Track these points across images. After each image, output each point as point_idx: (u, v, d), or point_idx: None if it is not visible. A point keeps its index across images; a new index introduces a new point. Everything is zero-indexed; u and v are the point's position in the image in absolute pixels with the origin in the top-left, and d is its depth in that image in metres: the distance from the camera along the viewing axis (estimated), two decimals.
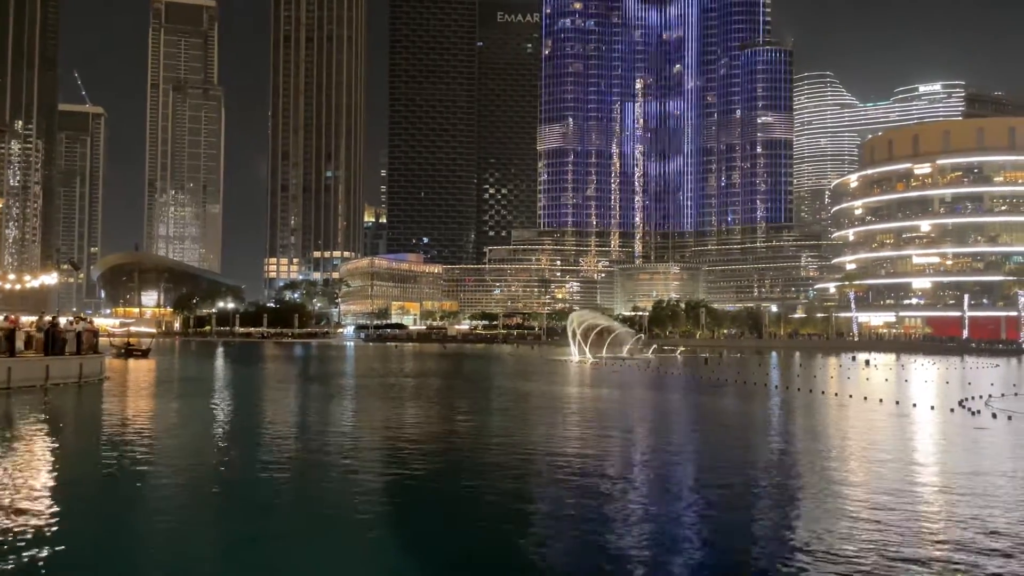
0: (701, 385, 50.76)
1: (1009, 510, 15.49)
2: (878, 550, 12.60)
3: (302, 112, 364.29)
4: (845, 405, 36.75)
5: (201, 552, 12.96)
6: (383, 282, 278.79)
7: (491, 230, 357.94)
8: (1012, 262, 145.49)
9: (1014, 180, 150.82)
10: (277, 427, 28.20)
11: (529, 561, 12.41)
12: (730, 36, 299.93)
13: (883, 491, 17.13)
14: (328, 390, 44.42)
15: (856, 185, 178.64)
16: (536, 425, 29.31)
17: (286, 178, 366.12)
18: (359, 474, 19.06)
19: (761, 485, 18.19)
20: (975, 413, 32.05)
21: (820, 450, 23.66)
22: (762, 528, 14.42)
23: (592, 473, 19.10)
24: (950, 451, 24.36)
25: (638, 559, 12.40)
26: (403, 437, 25.36)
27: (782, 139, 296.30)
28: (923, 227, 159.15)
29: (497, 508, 15.60)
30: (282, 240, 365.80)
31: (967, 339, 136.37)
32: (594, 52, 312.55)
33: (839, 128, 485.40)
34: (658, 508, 15.71)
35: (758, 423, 32.03)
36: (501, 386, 48.90)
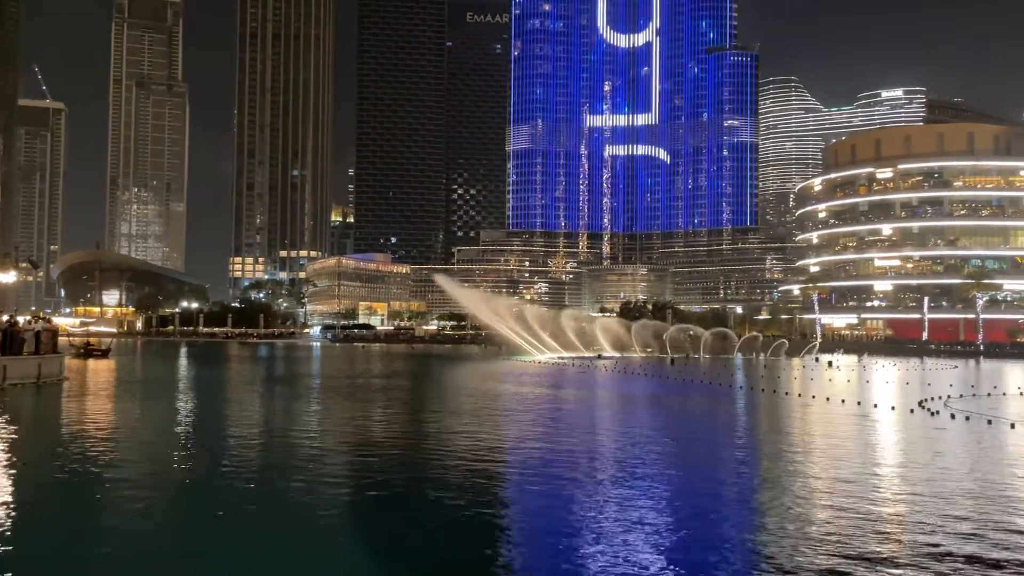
0: (668, 386, 51.09)
1: (965, 504, 15.77)
2: (838, 541, 12.75)
3: (268, 110, 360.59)
4: (808, 405, 37.20)
5: (157, 557, 12.71)
6: (350, 282, 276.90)
7: (459, 230, 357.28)
8: (971, 265, 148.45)
9: (973, 185, 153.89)
10: (238, 430, 27.81)
11: (499, 560, 12.35)
12: (697, 40, 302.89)
13: (843, 485, 17.35)
14: (292, 391, 43.96)
15: (820, 189, 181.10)
16: (502, 426, 29.25)
17: (252, 176, 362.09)
18: (320, 478, 18.85)
19: (728, 480, 18.33)
20: (934, 414, 32.60)
21: (783, 450, 23.90)
22: (729, 519, 14.54)
23: (560, 475, 19.09)
24: (909, 450, 24.75)
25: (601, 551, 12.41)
26: (366, 440, 25.17)
27: (748, 143, 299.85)
28: (885, 230, 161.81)
29: (449, 510, 15.51)
30: (248, 239, 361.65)
31: (927, 341, 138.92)
32: (563, 54, 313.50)
33: (804, 132, 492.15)
34: (628, 507, 15.74)
35: (723, 423, 32.28)
36: (468, 387, 48.77)
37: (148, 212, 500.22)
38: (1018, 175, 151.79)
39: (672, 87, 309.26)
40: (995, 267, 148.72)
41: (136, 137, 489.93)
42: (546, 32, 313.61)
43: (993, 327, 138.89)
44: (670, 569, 11.98)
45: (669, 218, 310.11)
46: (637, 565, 12.08)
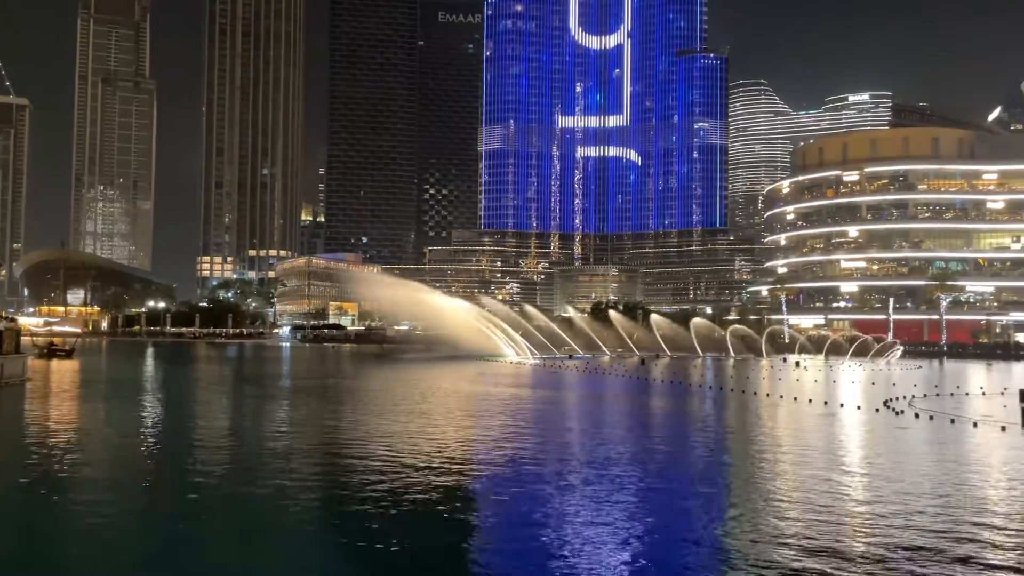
0: (640, 385, 51.34)
1: (924, 499, 16.02)
2: (805, 532, 12.90)
3: (238, 107, 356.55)
4: (777, 405, 37.59)
5: (120, 559, 12.51)
6: (320, 282, 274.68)
7: (431, 230, 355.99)
8: (935, 267, 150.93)
9: (937, 188, 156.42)
10: (202, 432, 27.49)
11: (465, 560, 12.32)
12: (668, 43, 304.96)
13: (810, 482, 17.55)
14: (259, 393, 43.53)
15: (788, 191, 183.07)
16: (472, 427, 29.19)
17: (220, 175, 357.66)
18: (286, 479, 18.69)
19: (701, 474, 18.48)
20: (899, 413, 33.11)
21: (752, 448, 24.13)
22: (700, 511, 14.65)
23: (532, 471, 19.09)
24: (874, 448, 25.11)
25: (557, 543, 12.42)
26: (333, 442, 25.00)
27: (718, 144, 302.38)
28: (851, 232, 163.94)
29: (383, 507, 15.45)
30: (216, 238, 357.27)
31: (892, 342, 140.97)
32: (535, 55, 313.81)
33: (772, 135, 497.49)
34: (596, 500, 15.77)
35: (695, 421, 32.52)
36: (439, 387, 48.64)
37: (114, 210, 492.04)
38: (981, 179, 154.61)
39: (643, 89, 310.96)
40: (958, 269, 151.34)
41: (102, 134, 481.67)
42: (518, 33, 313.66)
43: (956, 328, 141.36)
44: (642, 560, 12.05)
45: (640, 219, 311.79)
46: (604, 565, 12.12)
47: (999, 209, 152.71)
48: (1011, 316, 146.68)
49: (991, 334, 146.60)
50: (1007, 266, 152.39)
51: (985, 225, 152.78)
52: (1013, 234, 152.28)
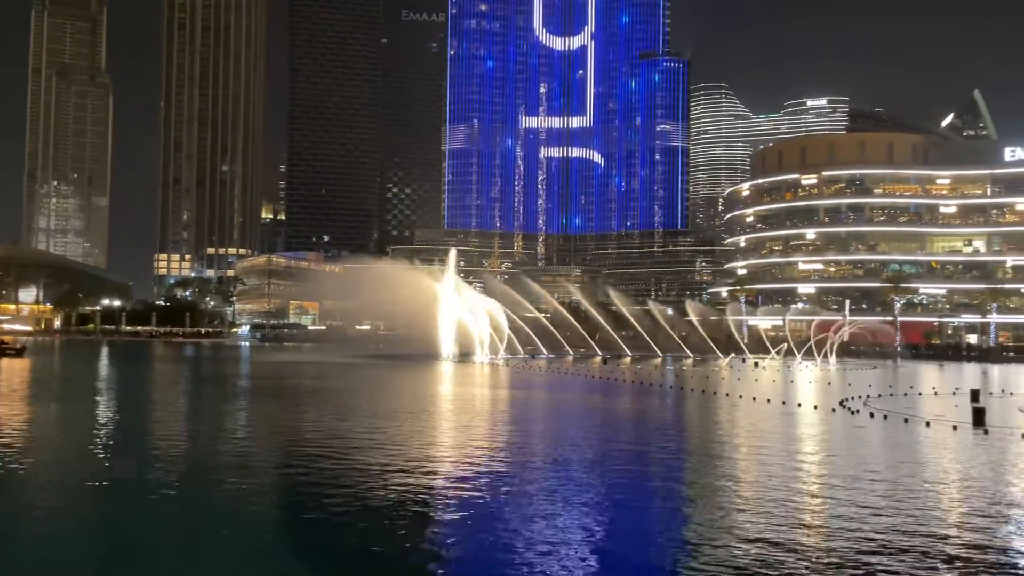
0: (601, 386, 51.57)
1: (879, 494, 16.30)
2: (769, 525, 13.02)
3: (197, 103, 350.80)
4: (736, 405, 38.00)
5: (67, 564, 12.19)
6: (281, 280, 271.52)
7: (394, 229, 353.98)
8: (889, 270, 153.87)
9: (892, 192, 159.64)
10: (157, 433, 26.98)
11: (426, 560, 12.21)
12: (632, 45, 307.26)
13: (768, 479, 17.76)
14: (216, 392, 42.88)
15: (748, 194, 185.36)
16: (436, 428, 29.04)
17: (179, 171, 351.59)
18: (241, 481, 18.40)
19: (667, 471, 18.57)
20: (855, 412, 33.67)
21: (712, 446, 24.34)
22: (662, 506, 14.70)
23: (494, 470, 19.02)
24: (831, 446, 25.49)
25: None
26: (292, 443, 24.69)
27: (679, 147, 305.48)
28: (809, 235, 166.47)
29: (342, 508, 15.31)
30: (174, 236, 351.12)
31: (848, 343, 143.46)
32: (499, 55, 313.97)
33: (733, 138, 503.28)
34: (555, 499, 15.76)
35: (656, 420, 32.73)
36: (401, 388, 48.37)
37: (68, 206, 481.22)
38: (934, 183, 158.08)
39: (606, 91, 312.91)
40: (912, 271, 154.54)
41: (56, 128, 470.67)
42: (482, 32, 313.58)
43: (910, 329, 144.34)
44: (607, 555, 12.06)
45: (603, 220, 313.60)
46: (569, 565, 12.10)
47: (951, 213, 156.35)
48: (962, 318, 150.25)
49: (943, 335, 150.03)
50: (959, 269, 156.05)
51: (938, 229, 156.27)
52: (964, 238, 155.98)
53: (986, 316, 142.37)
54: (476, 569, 12.28)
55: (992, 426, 28.64)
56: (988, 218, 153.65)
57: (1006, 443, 25.88)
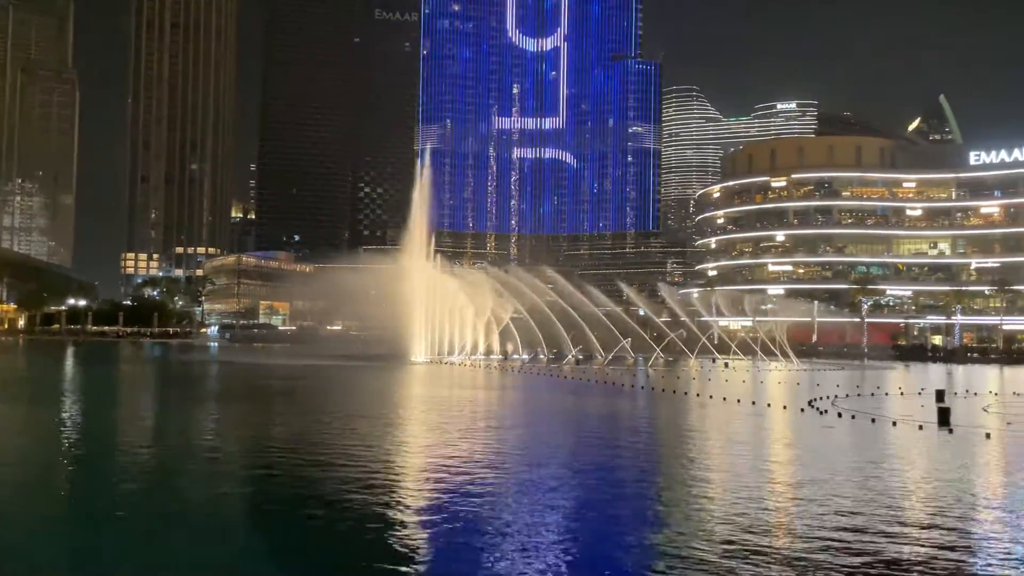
0: (572, 386, 51.64)
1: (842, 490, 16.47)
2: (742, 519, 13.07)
3: (166, 100, 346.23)
4: (706, 405, 38.24)
5: (28, 567, 11.91)
6: (251, 280, 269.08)
7: (366, 229, 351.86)
8: (857, 271, 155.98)
9: (860, 195, 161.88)
10: (120, 435, 26.54)
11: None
12: (604, 47, 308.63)
13: (738, 478, 17.86)
14: (182, 394, 42.32)
15: (718, 195, 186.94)
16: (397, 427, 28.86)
17: (147, 169, 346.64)
18: (203, 487, 18.15)
19: (636, 468, 18.58)
20: (823, 412, 34.01)
21: (683, 445, 24.45)
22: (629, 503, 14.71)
23: (460, 471, 18.93)
24: (799, 445, 25.73)
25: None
26: (258, 445, 24.42)
27: (651, 149, 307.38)
28: (778, 237, 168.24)
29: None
30: (141, 234, 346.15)
31: (816, 344, 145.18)
32: (472, 55, 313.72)
33: (704, 140, 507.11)
34: (522, 501, 15.71)
35: (626, 420, 32.81)
36: (371, 389, 48.09)
37: (33, 204, 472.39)
38: (901, 187, 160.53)
39: (579, 92, 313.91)
40: (879, 273, 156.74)
41: (20, 125, 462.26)
42: (455, 32, 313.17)
43: (877, 330, 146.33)
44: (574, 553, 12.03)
45: (575, 221, 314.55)
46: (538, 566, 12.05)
47: (917, 216, 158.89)
48: (928, 319, 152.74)
49: (909, 336, 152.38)
50: (924, 271, 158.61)
51: (904, 232, 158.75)
52: (930, 240, 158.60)
53: (951, 317, 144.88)
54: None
55: (957, 426, 29.07)
56: (953, 221, 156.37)
57: (970, 442, 26.29)
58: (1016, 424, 30.98)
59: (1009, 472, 21.84)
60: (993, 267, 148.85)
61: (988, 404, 40.89)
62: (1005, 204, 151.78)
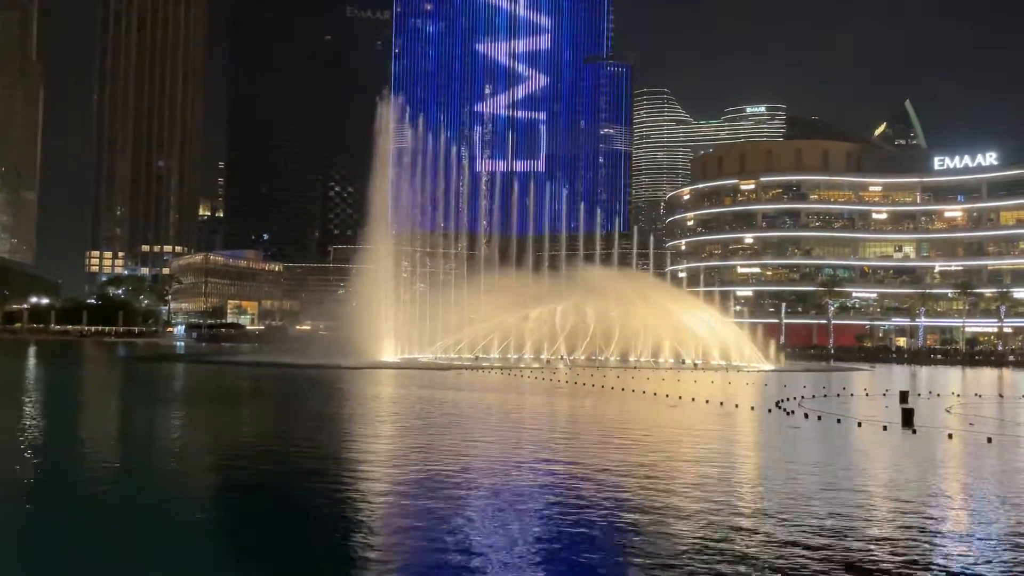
0: (543, 387, 51.69)
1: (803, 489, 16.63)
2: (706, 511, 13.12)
3: (132, 96, 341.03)
4: (676, 405, 38.44)
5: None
6: (218, 279, 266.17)
7: (336, 228, 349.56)
8: (824, 274, 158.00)
9: (827, 199, 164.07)
10: (83, 437, 26.06)
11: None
12: (576, 48, 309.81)
13: (705, 479, 17.96)
14: (149, 395, 41.69)
15: (688, 198, 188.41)
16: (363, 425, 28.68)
17: (112, 166, 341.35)
18: (164, 488, 17.85)
19: (601, 465, 18.59)
20: (790, 413, 34.34)
21: (651, 442, 24.53)
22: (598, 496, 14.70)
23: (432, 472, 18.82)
24: (767, 444, 25.94)
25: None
26: (222, 446, 24.12)
27: (623, 151, 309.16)
28: (747, 239, 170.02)
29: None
30: (107, 232, 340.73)
31: (783, 345, 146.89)
32: (444, 54, 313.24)
33: (674, 143, 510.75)
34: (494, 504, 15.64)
35: (595, 419, 32.87)
36: (340, 389, 47.74)
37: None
38: (867, 190, 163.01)
39: (551, 93, 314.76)
40: (845, 276, 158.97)
41: None
42: (427, 32, 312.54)
43: (843, 332, 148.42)
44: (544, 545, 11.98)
45: (546, 222, 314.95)
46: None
47: (883, 220, 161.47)
48: (892, 321, 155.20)
49: (874, 338, 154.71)
50: (889, 274, 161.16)
51: (870, 235, 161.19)
52: (895, 244, 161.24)
53: (915, 320, 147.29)
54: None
55: (920, 426, 29.49)
56: (917, 225, 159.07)
57: (933, 442, 26.69)
58: (978, 425, 31.52)
59: (969, 471, 22.19)
60: (956, 270, 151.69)
61: (951, 405, 41.57)
62: (967, 208, 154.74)
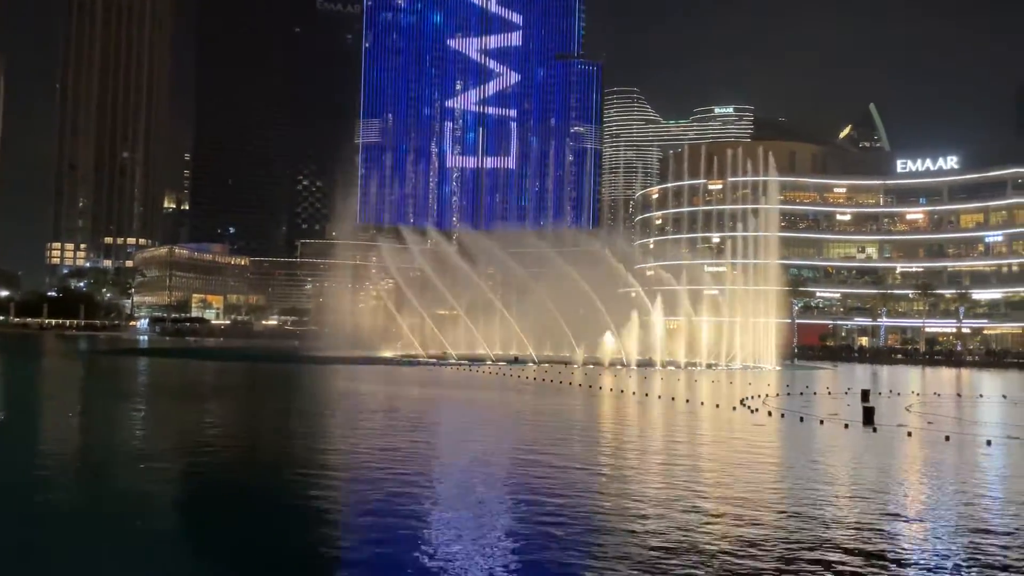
0: (513, 384, 51.81)
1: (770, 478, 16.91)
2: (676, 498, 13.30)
3: (96, 86, 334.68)
4: (642, 403, 38.78)
5: None
6: (183, 273, 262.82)
7: (304, 223, 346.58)
8: (789, 274, 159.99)
9: (792, 200, 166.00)
10: (39, 433, 25.67)
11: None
12: (547, 46, 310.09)
13: (671, 468, 18.17)
14: (109, 390, 41.10)
15: (657, 197, 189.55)
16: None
17: (75, 156, 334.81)
18: (134, 482, 17.67)
19: (579, 458, 18.72)
20: (754, 411, 34.81)
21: (613, 441, 24.75)
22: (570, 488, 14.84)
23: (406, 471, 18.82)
24: (730, 440, 26.29)
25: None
26: (189, 442, 23.90)
27: (592, 149, 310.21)
28: (714, 239, 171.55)
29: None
30: (69, 224, 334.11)
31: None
32: (416, 50, 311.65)
33: (644, 142, 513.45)
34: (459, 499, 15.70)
35: (563, 416, 33.04)
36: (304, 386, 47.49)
37: None
38: (832, 192, 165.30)
39: (522, 90, 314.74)
40: (810, 276, 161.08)
41: None
42: (399, 26, 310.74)
43: (807, 331, 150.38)
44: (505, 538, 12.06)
45: (516, 219, 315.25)
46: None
47: (847, 221, 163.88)
48: (855, 321, 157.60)
49: (837, 337, 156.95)
50: (852, 274, 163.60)
51: (834, 236, 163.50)
52: (858, 245, 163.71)
53: (876, 319, 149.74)
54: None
55: (881, 424, 30.07)
56: (880, 226, 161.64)
57: (893, 440, 27.23)
58: (936, 423, 32.21)
59: (927, 468, 22.70)
60: (917, 271, 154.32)
61: (911, 404, 42.40)
62: (929, 211, 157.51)
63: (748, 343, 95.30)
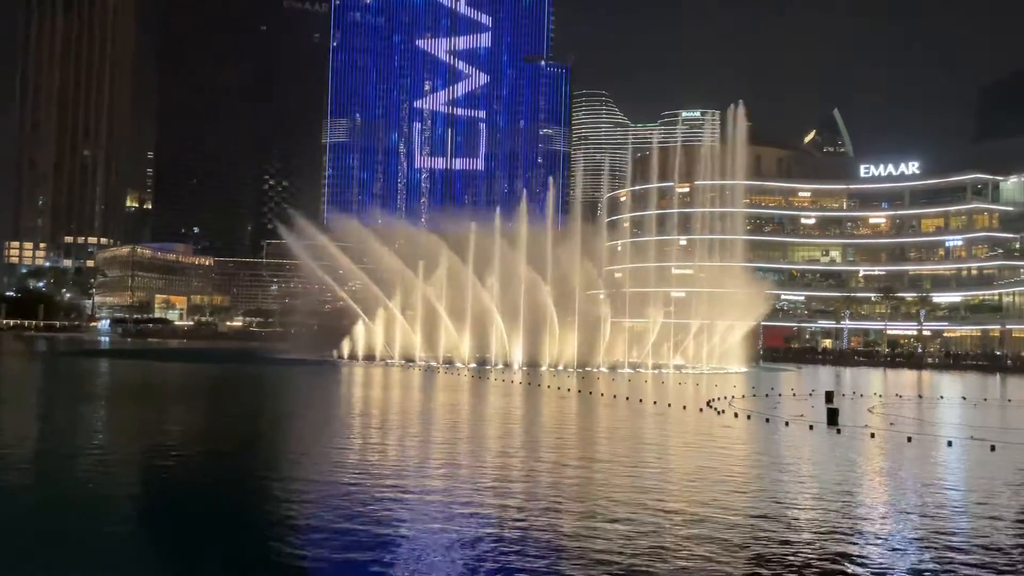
0: (482, 387, 51.63)
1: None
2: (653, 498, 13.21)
3: (57, 81, 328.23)
4: (610, 404, 38.80)
5: None
6: (146, 273, 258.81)
7: (270, 223, 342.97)
8: (754, 277, 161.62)
9: (758, 203, 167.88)
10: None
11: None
12: (516, 48, 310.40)
13: (635, 468, 18.14)
14: (71, 392, 40.21)
15: (625, 200, 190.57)
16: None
17: (35, 153, 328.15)
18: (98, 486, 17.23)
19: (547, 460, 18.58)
20: (720, 412, 34.99)
21: (579, 443, 24.69)
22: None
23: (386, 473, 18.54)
24: (698, 443, 26.36)
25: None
26: (153, 446, 23.41)
27: (561, 151, 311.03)
28: (682, 241, 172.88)
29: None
30: (28, 222, 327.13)
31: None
32: (384, 50, 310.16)
33: (612, 145, 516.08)
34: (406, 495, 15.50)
35: (533, 418, 32.93)
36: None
37: None
38: (797, 196, 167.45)
39: (491, 92, 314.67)
40: (775, 279, 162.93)
41: None
42: (367, 26, 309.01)
43: (772, 334, 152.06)
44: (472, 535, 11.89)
45: (486, 221, 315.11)
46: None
47: (811, 225, 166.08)
48: (819, 323, 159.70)
49: (801, 340, 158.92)
50: (816, 277, 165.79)
51: (799, 239, 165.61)
52: (822, 248, 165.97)
53: (840, 322, 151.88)
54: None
55: (844, 425, 30.36)
56: (844, 230, 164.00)
57: (856, 441, 27.49)
58: (898, 424, 32.61)
59: (889, 467, 22.96)
60: (879, 275, 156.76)
61: (873, 405, 42.94)
62: (891, 215, 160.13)
63: (715, 345, 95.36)
